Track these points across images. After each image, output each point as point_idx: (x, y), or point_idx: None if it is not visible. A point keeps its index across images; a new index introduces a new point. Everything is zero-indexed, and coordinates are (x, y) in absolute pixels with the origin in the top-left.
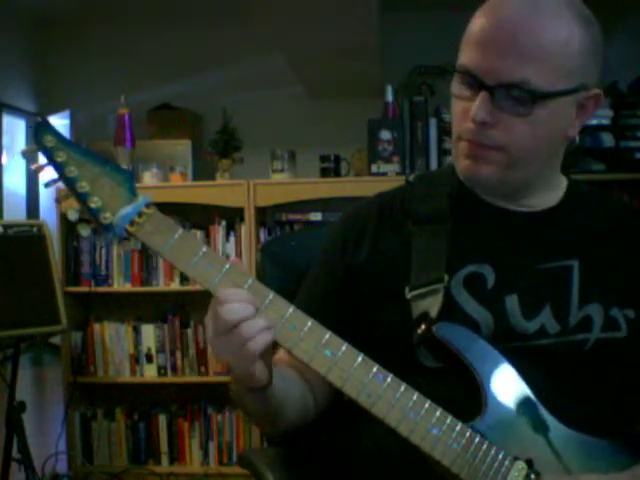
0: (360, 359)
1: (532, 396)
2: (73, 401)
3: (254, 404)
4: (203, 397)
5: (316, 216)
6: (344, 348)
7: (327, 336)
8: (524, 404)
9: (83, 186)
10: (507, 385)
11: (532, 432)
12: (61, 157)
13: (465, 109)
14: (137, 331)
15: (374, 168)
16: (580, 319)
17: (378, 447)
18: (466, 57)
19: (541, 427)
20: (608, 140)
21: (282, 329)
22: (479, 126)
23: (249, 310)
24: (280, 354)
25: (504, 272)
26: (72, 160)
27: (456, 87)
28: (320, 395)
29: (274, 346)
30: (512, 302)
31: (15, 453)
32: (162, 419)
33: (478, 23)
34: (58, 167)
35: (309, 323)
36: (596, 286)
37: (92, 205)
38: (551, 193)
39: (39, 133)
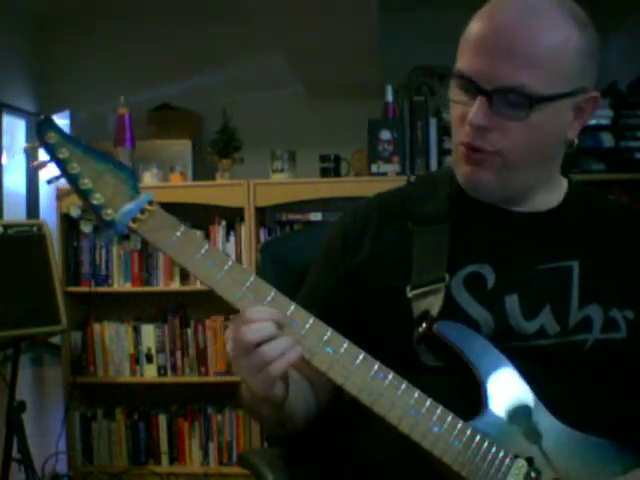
0: (361, 357)
1: (532, 395)
2: (73, 401)
3: (268, 413)
4: (203, 397)
5: (316, 216)
6: (345, 346)
7: (329, 333)
8: (524, 402)
9: (85, 183)
10: (508, 383)
11: (532, 430)
12: (63, 154)
13: (463, 114)
14: (137, 331)
15: (374, 168)
16: (580, 320)
17: (379, 446)
18: (463, 62)
19: (541, 425)
20: (608, 140)
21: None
22: (476, 130)
23: (271, 329)
24: None
25: (504, 272)
26: (75, 157)
27: (454, 92)
28: (322, 393)
29: None
30: (512, 302)
31: (15, 453)
32: (162, 419)
33: (475, 28)
34: (60, 164)
35: (311, 320)
36: (596, 287)
37: (94, 202)
38: (551, 195)
39: (42, 129)
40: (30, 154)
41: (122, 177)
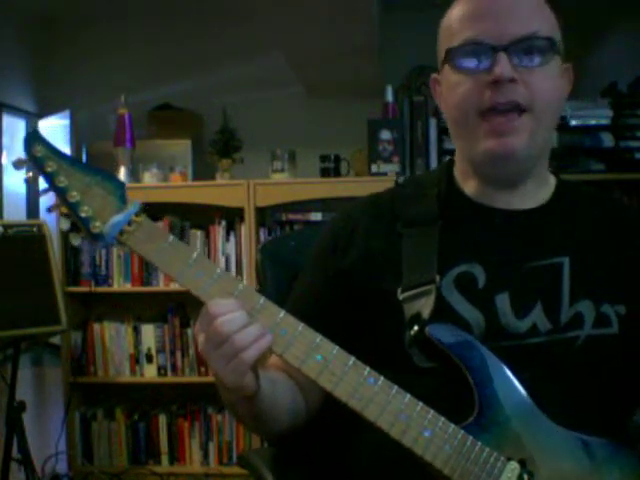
0: (351, 362)
1: (525, 395)
2: (73, 401)
3: (243, 409)
4: (203, 397)
5: (316, 216)
6: (335, 352)
7: (318, 340)
8: (517, 403)
9: (73, 195)
10: (500, 385)
11: (525, 432)
12: (51, 167)
13: (478, 82)
14: (137, 331)
15: (374, 168)
16: (571, 316)
17: (373, 448)
18: (468, 31)
19: (534, 426)
20: (608, 140)
21: (273, 334)
22: (507, 84)
23: (242, 320)
24: (272, 358)
25: (494, 271)
26: (62, 170)
27: (459, 64)
28: (311, 397)
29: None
30: (503, 301)
31: (15, 453)
32: (162, 419)
33: (466, 3)
34: (48, 177)
35: (299, 327)
36: (587, 283)
37: (82, 214)
38: (540, 191)
39: (29, 143)
40: (20, 168)
41: (110, 189)
